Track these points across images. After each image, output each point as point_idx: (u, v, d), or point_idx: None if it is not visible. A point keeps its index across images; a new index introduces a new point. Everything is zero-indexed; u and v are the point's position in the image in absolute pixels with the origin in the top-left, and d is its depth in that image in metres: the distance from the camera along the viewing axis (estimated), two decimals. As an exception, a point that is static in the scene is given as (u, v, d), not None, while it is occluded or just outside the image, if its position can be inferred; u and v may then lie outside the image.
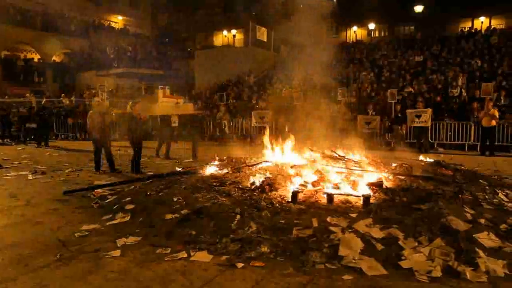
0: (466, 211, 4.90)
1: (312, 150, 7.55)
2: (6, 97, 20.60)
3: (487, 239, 4.26)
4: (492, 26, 26.69)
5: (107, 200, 6.46)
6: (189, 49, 33.09)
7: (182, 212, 5.28)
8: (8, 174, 9.45)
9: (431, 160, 8.16)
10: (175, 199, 5.74)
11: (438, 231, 4.40)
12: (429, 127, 13.82)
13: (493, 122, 12.55)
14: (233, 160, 7.85)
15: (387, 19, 32.01)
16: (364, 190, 5.56)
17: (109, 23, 33.54)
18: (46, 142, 15.96)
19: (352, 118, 14.68)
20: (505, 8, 26.73)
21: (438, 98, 15.71)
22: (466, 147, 13.85)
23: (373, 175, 6.16)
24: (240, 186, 6.02)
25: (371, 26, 33.12)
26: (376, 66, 21.92)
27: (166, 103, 10.81)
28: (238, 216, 4.96)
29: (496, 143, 12.98)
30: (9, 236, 4.97)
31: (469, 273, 3.68)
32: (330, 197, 5.31)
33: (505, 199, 5.60)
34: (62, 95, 21.78)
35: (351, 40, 32.39)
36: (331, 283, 3.60)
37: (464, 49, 21.47)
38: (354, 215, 4.83)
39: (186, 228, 4.86)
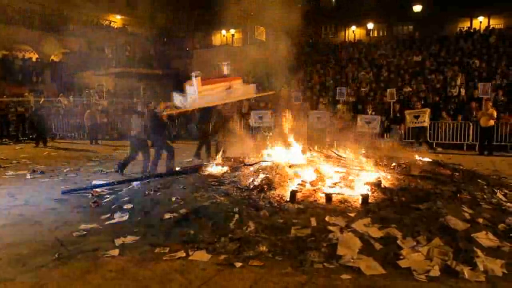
0: (464, 210, 4.92)
1: (311, 150, 7.55)
2: (4, 96, 20.52)
3: (485, 238, 4.27)
4: (491, 26, 26.74)
5: (106, 200, 6.46)
6: (187, 49, 33.06)
7: (181, 211, 5.28)
8: (6, 174, 9.43)
9: (430, 160, 8.16)
10: (173, 199, 5.74)
11: (437, 230, 4.41)
12: (428, 127, 13.84)
13: (491, 122, 12.57)
14: (232, 159, 7.85)
15: (385, 18, 32.01)
16: (362, 189, 5.57)
17: (108, 23, 33.48)
18: (45, 142, 15.93)
19: (350, 117, 14.68)
20: (504, 7, 26.74)
21: (437, 98, 15.74)
22: (465, 146, 13.86)
23: (372, 175, 6.16)
24: (239, 185, 6.02)
25: (370, 25, 33.11)
26: (375, 65, 21.95)
27: (211, 91, 7.92)
28: (237, 216, 4.97)
29: (495, 143, 13.00)
30: (8, 236, 4.96)
31: (467, 272, 3.69)
32: (328, 196, 5.32)
33: (503, 198, 5.61)
34: (61, 94, 21.75)
35: (349, 39, 32.40)
36: (329, 283, 3.60)
37: (463, 48, 21.50)
38: (352, 215, 4.84)
39: (185, 228, 4.86)
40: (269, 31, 25.47)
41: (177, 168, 8.10)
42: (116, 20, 34.56)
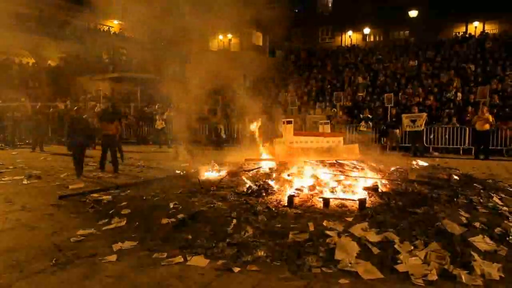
0: (461, 214, 4.93)
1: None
2: (0, 101, 20.47)
3: (482, 242, 4.29)
4: (486, 31, 26.96)
5: (103, 205, 6.44)
6: (184, 53, 33.10)
7: (178, 216, 5.27)
8: (3, 179, 9.39)
9: (426, 164, 8.20)
10: (171, 204, 5.73)
11: (434, 234, 4.43)
12: (424, 131, 13.92)
13: (487, 126, 12.64)
14: (230, 164, 7.85)
15: (382, 24, 32.24)
16: (360, 194, 5.59)
17: (105, 28, 33.49)
18: (41, 147, 15.89)
19: (348, 122, 14.81)
20: (498, 13, 27.02)
21: (433, 102, 15.83)
22: (461, 151, 13.93)
23: (369, 180, 6.18)
24: (237, 190, 6.03)
25: (366, 30, 33.34)
26: (371, 70, 22.05)
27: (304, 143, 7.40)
28: (235, 221, 4.96)
29: (491, 147, 13.07)
30: (4, 241, 4.93)
31: (464, 276, 3.70)
32: (326, 201, 5.33)
33: (500, 202, 5.63)
34: (57, 99, 21.73)
35: (346, 44, 32.56)
36: (327, 287, 3.61)
37: (459, 53, 21.66)
38: (350, 219, 4.85)
39: (183, 233, 4.85)
40: (266, 37, 25.60)
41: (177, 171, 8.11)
42: (114, 25, 34.57)
